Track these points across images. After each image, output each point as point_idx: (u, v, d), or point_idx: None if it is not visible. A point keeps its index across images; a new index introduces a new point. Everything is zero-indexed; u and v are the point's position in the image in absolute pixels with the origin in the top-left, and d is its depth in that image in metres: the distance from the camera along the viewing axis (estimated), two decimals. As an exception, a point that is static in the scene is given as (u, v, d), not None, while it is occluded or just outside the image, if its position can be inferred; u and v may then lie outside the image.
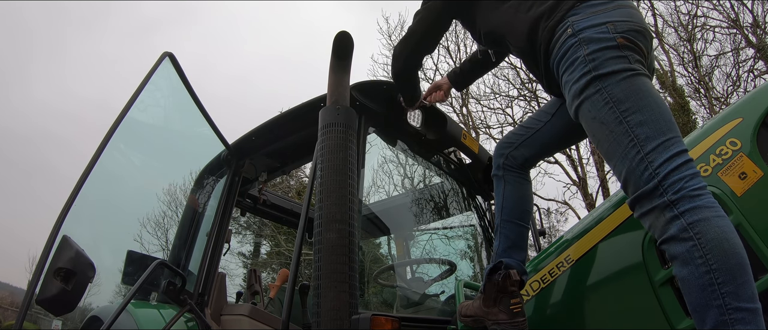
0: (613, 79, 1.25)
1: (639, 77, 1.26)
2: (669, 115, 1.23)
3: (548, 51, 1.43)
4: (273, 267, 13.42)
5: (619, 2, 1.38)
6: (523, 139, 1.73)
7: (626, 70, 1.26)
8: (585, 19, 1.34)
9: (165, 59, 2.22)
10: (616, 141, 1.22)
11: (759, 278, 1.22)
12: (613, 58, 1.27)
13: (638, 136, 1.19)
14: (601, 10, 1.35)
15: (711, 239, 1.06)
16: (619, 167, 1.23)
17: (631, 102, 1.22)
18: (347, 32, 1.76)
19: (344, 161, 1.66)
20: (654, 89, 1.28)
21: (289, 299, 1.69)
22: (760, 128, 1.33)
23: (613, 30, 1.30)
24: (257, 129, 2.63)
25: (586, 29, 1.32)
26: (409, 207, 3.23)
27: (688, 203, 1.10)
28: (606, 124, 1.24)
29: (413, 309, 2.66)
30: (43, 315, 16.08)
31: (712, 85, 13.87)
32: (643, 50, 1.33)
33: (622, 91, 1.24)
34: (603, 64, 1.27)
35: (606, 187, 14.20)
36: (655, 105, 1.22)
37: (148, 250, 3.34)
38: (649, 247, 1.39)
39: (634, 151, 1.19)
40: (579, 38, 1.32)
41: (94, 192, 1.94)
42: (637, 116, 1.20)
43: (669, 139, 1.18)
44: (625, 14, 1.35)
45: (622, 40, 1.29)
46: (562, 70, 1.37)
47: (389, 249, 4.19)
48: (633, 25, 1.33)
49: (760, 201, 1.27)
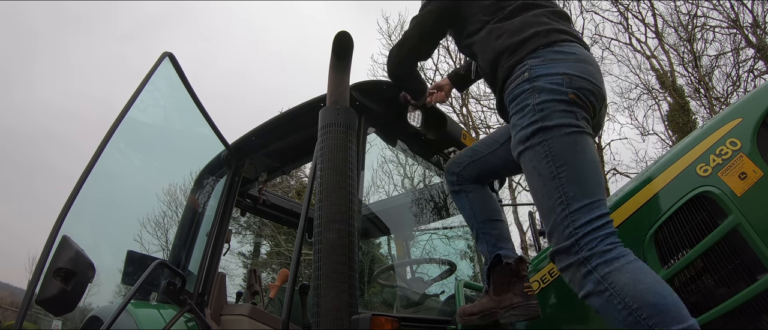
0: (557, 132, 1.31)
1: (582, 135, 1.33)
2: (600, 177, 1.32)
3: (504, 87, 1.48)
4: (273, 267, 13.42)
5: (581, 56, 1.42)
6: (471, 161, 1.79)
7: (571, 126, 1.32)
8: (543, 66, 1.38)
9: (165, 59, 2.22)
10: (548, 194, 1.31)
11: (759, 278, 1.22)
12: (560, 111, 1.32)
13: (567, 194, 1.28)
14: (561, 59, 1.39)
15: (624, 285, 1.16)
16: (547, 219, 1.32)
17: (568, 159, 1.29)
18: (347, 32, 1.76)
19: (344, 161, 1.66)
20: (593, 150, 1.35)
21: (289, 299, 1.69)
22: (760, 128, 1.33)
23: (568, 84, 1.34)
24: (257, 129, 2.63)
25: (542, 77, 1.36)
26: (409, 207, 3.23)
27: (600, 258, 1.21)
28: (542, 177, 1.32)
29: (413, 309, 2.66)
30: (43, 315, 16.08)
31: (712, 85, 13.88)
32: (592, 109, 1.39)
33: (562, 146, 1.31)
34: (550, 116, 1.32)
35: (606, 187, 14.20)
36: (590, 166, 1.31)
37: (148, 250, 3.34)
38: (649, 246, 1.39)
39: (561, 207, 1.27)
40: (533, 85, 1.36)
41: (94, 192, 1.94)
42: (570, 175, 1.29)
43: (594, 201, 1.27)
44: (583, 70, 1.38)
45: (574, 95, 1.33)
46: (513, 112, 1.42)
47: (389, 249, 4.19)
48: (587, 84, 1.37)
49: (760, 201, 1.27)
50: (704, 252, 1.31)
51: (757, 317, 1.23)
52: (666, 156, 1.55)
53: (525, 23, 1.48)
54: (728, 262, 1.28)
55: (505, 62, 1.46)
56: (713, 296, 1.30)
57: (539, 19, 1.49)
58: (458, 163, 1.81)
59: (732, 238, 1.28)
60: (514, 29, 1.48)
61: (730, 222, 1.28)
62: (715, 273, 1.30)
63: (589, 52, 1.47)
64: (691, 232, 1.34)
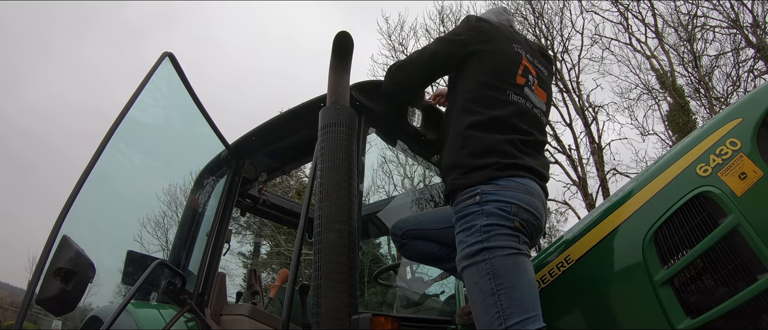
0: (500, 253, 1.41)
1: (521, 257, 1.44)
2: (535, 294, 1.42)
3: (452, 198, 1.58)
4: (273, 267, 13.42)
5: (530, 189, 1.51)
6: (417, 228, 1.88)
7: (512, 248, 1.42)
8: (495, 193, 1.46)
9: (165, 59, 2.22)
10: (486, 309, 1.40)
11: (759, 278, 1.22)
12: (504, 234, 1.43)
13: (505, 310, 1.37)
14: (512, 187, 1.48)
15: None
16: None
17: (507, 278, 1.39)
18: (347, 32, 1.76)
19: (344, 161, 1.66)
20: (531, 269, 1.46)
21: (289, 299, 1.69)
22: (760, 128, 1.33)
23: (515, 213, 1.45)
24: (257, 129, 2.63)
25: (492, 203, 1.45)
26: (409, 207, 3.23)
27: None
28: (483, 292, 1.41)
29: (413, 309, 2.66)
30: (43, 315, 16.08)
31: (712, 85, 13.87)
32: (532, 240, 1.52)
33: (503, 266, 1.40)
34: (495, 238, 1.42)
35: (606, 187, 14.20)
36: (527, 285, 1.41)
37: (148, 250, 3.35)
38: (649, 247, 1.39)
39: (498, 322, 1.37)
40: (482, 209, 1.46)
41: (94, 192, 1.94)
42: (509, 292, 1.38)
43: (530, 316, 1.37)
44: (529, 203, 1.49)
45: (519, 224, 1.45)
46: (459, 229, 1.50)
47: (389, 249, 4.19)
48: (532, 218, 1.49)
49: (760, 201, 1.27)
50: (704, 252, 1.30)
51: (757, 317, 1.23)
52: (666, 156, 1.55)
53: (491, 147, 1.53)
54: (728, 262, 1.28)
55: (458, 178, 1.54)
56: (713, 296, 1.29)
57: (505, 147, 1.53)
58: (401, 227, 1.89)
59: (732, 238, 1.28)
60: (479, 150, 1.53)
61: (730, 222, 1.28)
62: (715, 273, 1.30)
63: (539, 186, 1.55)
64: (691, 232, 1.34)
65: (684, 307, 1.30)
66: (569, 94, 15.61)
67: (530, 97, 1.66)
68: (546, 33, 16.04)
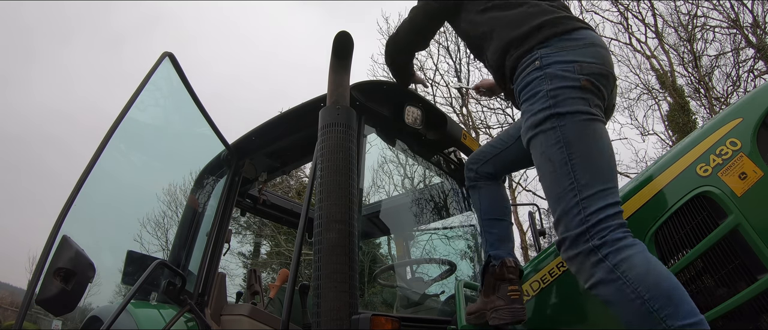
0: (570, 119, 1.29)
1: (594, 122, 1.31)
2: (612, 163, 1.30)
3: (513, 77, 1.46)
4: (273, 267, 13.42)
5: (592, 41, 1.40)
6: (490, 157, 1.79)
7: (584, 113, 1.29)
8: (554, 54, 1.36)
9: (165, 59, 2.22)
10: (558, 181, 1.28)
11: (759, 278, 1.22)
12: (573, 98, 1.30)
13: (579, 181, 1.24)
14: (571, 47, 1.37)
15: (636, 274, 1.13)
16: (555, 206, 1.29)
17: (580, 146, 1.27)
18: (347, 32, 1.76)
19: (344, 161, 1.66)
20: (606, 136, 1.33)
21: (289, 299, 1.69)
22: (760, 128, 1.33)
23: (579, 71, 1.33)
24: (257, 129, 2.63)
25: (553, 65, 1.34)
26: (409, 207, 3.23)
27: (611, 247, 1.18)
28: (552, 162, 1.29)
29: (413, 309, 2.66)
30: (43, 315, 16.08)
31: (712, 85, 13.87)
32: (604, 94, 1.37)
33: (575, 133, 1.28)
34: (563, 102, 1.30)
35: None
36: (603, 153, 1.28)
37: (148, 250, 3.35)
38: (650, 246, 1.39)
39: (572, 193, 1.24)
40: (545, 72, 1.34)
41: (94, 192, 1.93)
42: (583, 161, 1.26)
43: (607, 188, 1.24)
44: (594, 55, 1.37)
45: (587, 82, 1.32)
46: (523, 99, 1.40)
47: (389, 249, 4.19)
48: (600, 69, 1.36)
49: (760, 201, 1.27)
50: (704, 252, 1.31)
51: (757, 317, 1.23)
52: (666, 156, 1.55)
53: (528, 14, 1.45)
54: (728, 262, 1.28)
55: (513, 52, 1.44)
56: (713, 296, 1.30)
57: (542, 7, 1.47)
58: (477, 160, 1.81)
59: (732, 238, 1.28)
60: (519, 20, 1.45)
61: (730, 222, 1.28)
62: (715, 273, 1.30)
63: (595, 34, 1.44)
64: (691, 232, 1.34)
65: (684, 307, 1.30)
66: (569, 94, 15.59)
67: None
68: (546, 33, 16.02)
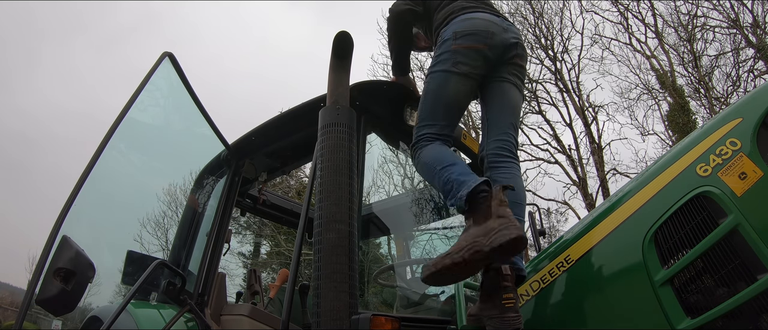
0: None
1: (447, 74, 1.83)
2: (439, 105, 1.81)
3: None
4: (273, 267, 13.42)
5: (470, 17, 1.88)
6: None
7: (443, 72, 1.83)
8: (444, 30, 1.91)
9: (165, 59, 2.22)
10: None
11: (759, 278, 1.22)
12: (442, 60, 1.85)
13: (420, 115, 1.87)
14: (456, 22, 1.89)
15: (424, 154, 1.75)
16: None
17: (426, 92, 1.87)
18: (347, 32, 1.76)
19: (344, 161, 1.66)
20: (452, 86, 1.79)
21: (289, 299, 1.69)
22: (760, 128, 1.33)
23: (453, 38, 1.84)
24: (257, 129, 2.63)
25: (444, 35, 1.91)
26: (409, 207, 3.23)
27: (417, 148, 1.80)
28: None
29: (413, 309, 2.66)
30: (43, 315, 16.08)
31: (712, 85, 13.88)
32: (477, 51, 1.82)
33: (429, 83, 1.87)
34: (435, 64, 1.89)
35: (606, 187, 14.20)
36: (435, 97, 1.82)
37: (148, 250, 3.35)
38: (649, 247, 1.39)
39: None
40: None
41: (94, 192, 1.94)
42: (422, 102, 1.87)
43: (426, 123, 1.80)
44: (467, 26, 1.85)
45: (455, 47, 1.81)
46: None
47: (389, 249, 4.19)
48: (471, 31, 1.84)
49: (760, 201, 1.27)
50: (704, 252, 1.30)
51: (757, 317, 1.23)
52: (666, 156, 1.55)
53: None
54: (728, 262, 1.28)
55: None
56: (713, 296, 1.29)
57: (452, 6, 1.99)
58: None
59: (732, 238, 1.28)
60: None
61: (730, 222, 1.28)
62: (715, 273, 1.29)
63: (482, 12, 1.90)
64: (691, 232, 1.34)
65: (684, 307, 1.30)
66: (569, 94, 15.62)
67: None
68: (546, 33, 16.05)
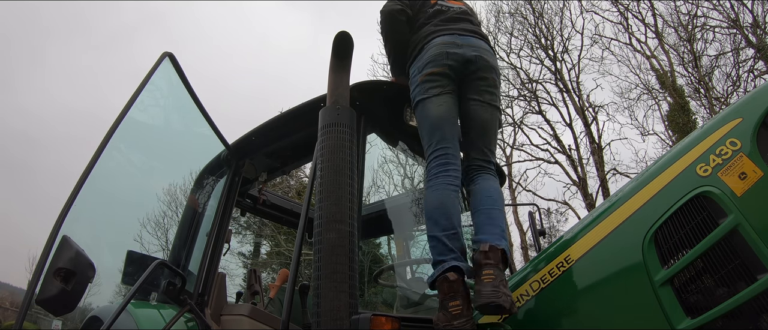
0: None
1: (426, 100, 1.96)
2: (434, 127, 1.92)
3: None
4: (273, 267, 13.42)
5: (440, 41, 2.00)
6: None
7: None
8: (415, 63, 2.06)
9: (165, 59, 2.22)
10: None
11: (759, 278, 1.22)
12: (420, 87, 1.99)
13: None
14: (426, 50, 2.03)
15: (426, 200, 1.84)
16: None
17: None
18: (347, 32, 1.76)
19: (344, 161, 1.66)
20: (436, 108, 1.92)
21: (289, 299, 1.69)
22: (760, 128, 1.33)
23: (425, 65, 1.99)
24: (257, 129, 2.63)
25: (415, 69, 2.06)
26: (409, 207, 3.23)
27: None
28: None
29: (413, 309, 2.66)
30: (43, 315, 16.08)
31: (712, 85, 13.88)
32: (451, 69, 1.96)
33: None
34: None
35: (606, 187, 14.20)
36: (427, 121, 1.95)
37: (148, 250, 3.34)
38: (649, 247, 1.39)
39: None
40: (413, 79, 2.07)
41: (94, 192, 1.94)
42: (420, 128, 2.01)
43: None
44: (436, 53, 1.98)
45: (428, 74, 1.96)
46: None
47: (389, 249, 4.19)
48: (442, 55, 1.97)
49: (760, 201, 1.27)
50: (704, 252, 1.30)
51: (757, 317, 1.23)
52: (666, 156, 1.55)
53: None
54: (728, 262, 1.27)
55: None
56: (713, 296, 1.29)
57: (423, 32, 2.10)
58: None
59: (732, 238, 1.28)
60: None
61: (730, 222, 1.28)
62: (715, 273, 1.29)
63: (454, 34, 2.02)
64: (691, 232, 1.34)
65: (684, 307, 1.30)
66: (569, 94, 15.62)
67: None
68: (546, 33, 16.05)
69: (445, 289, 1.62)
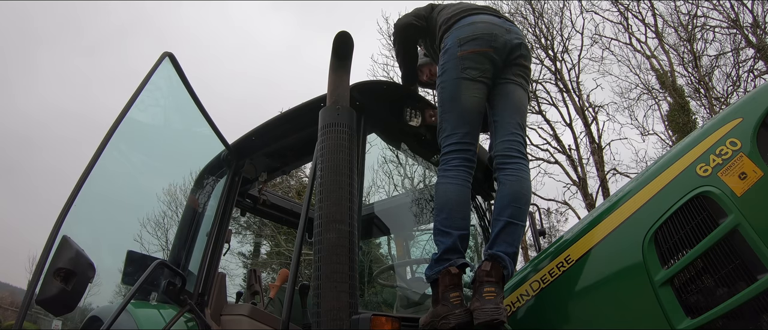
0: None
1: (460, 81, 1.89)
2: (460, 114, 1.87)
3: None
4: (273, 267, 13.42)
5: (471, 21, 1.96)
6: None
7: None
8: (448, 38, 1.99)
9: (165, 59, 2.22)
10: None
11: (759, 278, 1.22)
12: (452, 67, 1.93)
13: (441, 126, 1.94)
14: (458, 27, 1.97)
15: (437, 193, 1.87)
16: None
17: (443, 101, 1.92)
18: (347, 32, 1.76)
19: (344, 161, 1.66)
20: (467, 92, 1.86)
21: (289, 299, 1.69)
22: (760, 128, 1.33)
23: (459, 45, 1.91)
24: (257, 129, 2.63)
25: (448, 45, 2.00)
26: (409, 207, 3.23)
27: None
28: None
29: (413, 309, 2.66)
30: (43, 315, 16.07)
31: (712, 85, 13.88)
32: (485, 54, 1.88)
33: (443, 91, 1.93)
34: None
35: (606, 187, 14.20)
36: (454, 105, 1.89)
37: (148, 250, 3.34)
38: (649, 247, 1.39)
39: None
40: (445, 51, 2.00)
41: (94, 192, 1.93)
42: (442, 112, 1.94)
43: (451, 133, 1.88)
44: (471, 32, 1.92)
45: (462, 53, 1.88)
46: None
47: (389, 249, 4.19)
48: (476, 37, 1.91)
49: (760, 201, 1.27)
50: (704, 252, 1.31)
51: (757, 317, 1.23)
52: (666, 156, 1.55)
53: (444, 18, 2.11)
54: (728, 262, 1.28)
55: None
56: (713, 296, 1.29)
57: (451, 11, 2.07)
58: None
59: (732, 238, 1.28)
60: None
61: (730, 222, 1.28)
62: (715, 273, 1.30)
63: (486, 15, 2.00)
64: (691, 232, 1.34)
65: (684, 307, 1.30)
66: (569, 94, 15.62)
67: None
68: (546, 33, 16.05)
69: (446, 281, 1.62)
